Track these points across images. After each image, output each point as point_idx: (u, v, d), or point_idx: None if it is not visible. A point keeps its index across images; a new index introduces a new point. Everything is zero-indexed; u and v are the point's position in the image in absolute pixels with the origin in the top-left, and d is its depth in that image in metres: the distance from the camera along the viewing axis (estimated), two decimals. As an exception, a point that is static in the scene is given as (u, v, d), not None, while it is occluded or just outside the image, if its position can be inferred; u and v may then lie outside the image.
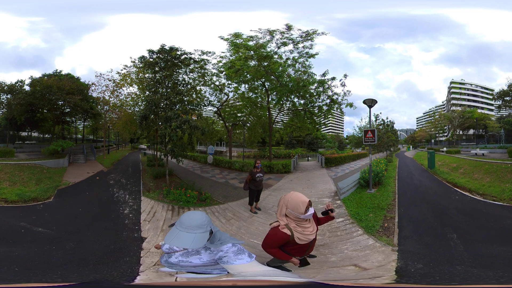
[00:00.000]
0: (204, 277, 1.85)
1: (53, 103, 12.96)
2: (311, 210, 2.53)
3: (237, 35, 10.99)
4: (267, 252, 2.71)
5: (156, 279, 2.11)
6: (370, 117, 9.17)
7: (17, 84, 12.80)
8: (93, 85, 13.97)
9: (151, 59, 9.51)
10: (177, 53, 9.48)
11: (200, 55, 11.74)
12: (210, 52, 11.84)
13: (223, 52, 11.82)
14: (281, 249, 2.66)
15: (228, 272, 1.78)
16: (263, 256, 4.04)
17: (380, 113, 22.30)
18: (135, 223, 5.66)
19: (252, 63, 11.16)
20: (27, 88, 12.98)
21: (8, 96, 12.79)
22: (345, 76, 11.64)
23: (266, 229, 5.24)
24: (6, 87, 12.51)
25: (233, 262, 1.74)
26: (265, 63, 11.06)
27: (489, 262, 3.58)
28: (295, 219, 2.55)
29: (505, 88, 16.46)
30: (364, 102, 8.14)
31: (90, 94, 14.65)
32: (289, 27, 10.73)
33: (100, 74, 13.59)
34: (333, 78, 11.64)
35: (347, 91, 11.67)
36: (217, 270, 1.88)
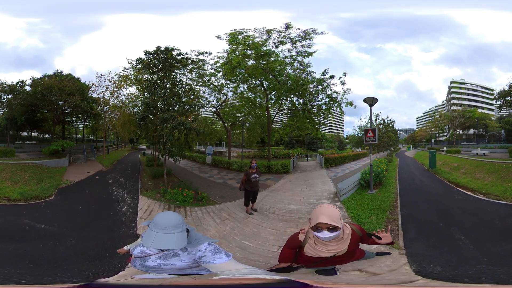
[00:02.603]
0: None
1: (54, 104, 12.94)
2: (325, 234, 2.13)
3: (237, 33, 10.94)
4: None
5: (129, 276, 2.11)
6: (370, 116, 9.10)
7: (18, 85, 12.82)
8: (93, 85, 14.06)
9: (148, 60, 9.50)
10: (173, 53, 9.45)
11: (196, 55, 11.71)
12: (207, 52, 11.78)
13: (220, 53, 11.78)
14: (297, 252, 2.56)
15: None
16: (251, 259, 4.01)
17: (380, 112, 22.40)
18: (131, 221, 5.79)
19: (250, 62, 11.09)
20: (28, 88, 13.01)
21: (9, 96, 12.81)
22: (345, 74, 11.13)
23: (261, 231, 5.33)
24: (7, 87, 12.54)
25: (212, 262, 1.70)
26: (263, 61, 10.98)
27: (504, 261, 3.53)
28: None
29: (506, 88, 16.48)
30: (365, 100, 8.06)
31: (90, 94, 14.69)
32: (288, 26, 10.61)
33: (101, 75, 13.70)
34: (332, 77, 11.47)
35: (347, 89, 11.39)
36: (204, 271, 1.84)
